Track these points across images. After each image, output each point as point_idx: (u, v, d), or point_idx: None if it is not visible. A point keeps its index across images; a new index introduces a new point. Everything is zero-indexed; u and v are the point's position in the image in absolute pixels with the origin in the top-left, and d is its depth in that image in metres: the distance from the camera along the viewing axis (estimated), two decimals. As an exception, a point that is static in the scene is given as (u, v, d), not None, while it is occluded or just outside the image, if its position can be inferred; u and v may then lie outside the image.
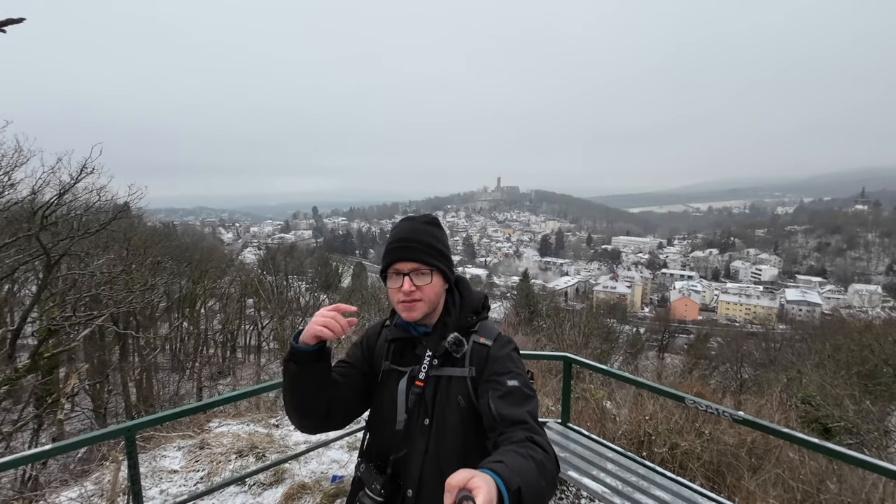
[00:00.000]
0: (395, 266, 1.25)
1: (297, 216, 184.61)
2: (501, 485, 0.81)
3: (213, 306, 23.07)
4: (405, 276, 1.24)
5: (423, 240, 1.27)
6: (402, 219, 1.35)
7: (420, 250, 1.25)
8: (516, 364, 1.25)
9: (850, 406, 9.72)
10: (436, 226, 1.34)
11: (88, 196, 9.37)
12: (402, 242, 1.26)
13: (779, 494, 3.70)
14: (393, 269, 1.26)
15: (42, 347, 8.66)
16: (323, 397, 1.26)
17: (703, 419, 4.47)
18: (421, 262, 1.24)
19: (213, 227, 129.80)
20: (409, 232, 1.28)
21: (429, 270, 1.25)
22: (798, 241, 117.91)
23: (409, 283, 1.23)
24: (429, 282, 1.25)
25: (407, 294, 1.23)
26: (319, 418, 1.28)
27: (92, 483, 3.60)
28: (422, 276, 1.25)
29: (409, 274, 1.24)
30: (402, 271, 1.24)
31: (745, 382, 18.44)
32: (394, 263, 1.26)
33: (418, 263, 1.24)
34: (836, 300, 74.80)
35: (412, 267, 1.24)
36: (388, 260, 1.27)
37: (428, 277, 1.25)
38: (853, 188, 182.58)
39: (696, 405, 2.69)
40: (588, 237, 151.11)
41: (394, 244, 1.27)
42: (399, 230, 1.30)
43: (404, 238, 1.27)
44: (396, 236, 1.28)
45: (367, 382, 1.37)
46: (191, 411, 2.79)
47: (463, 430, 1.22)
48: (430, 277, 1.25)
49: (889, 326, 17.04)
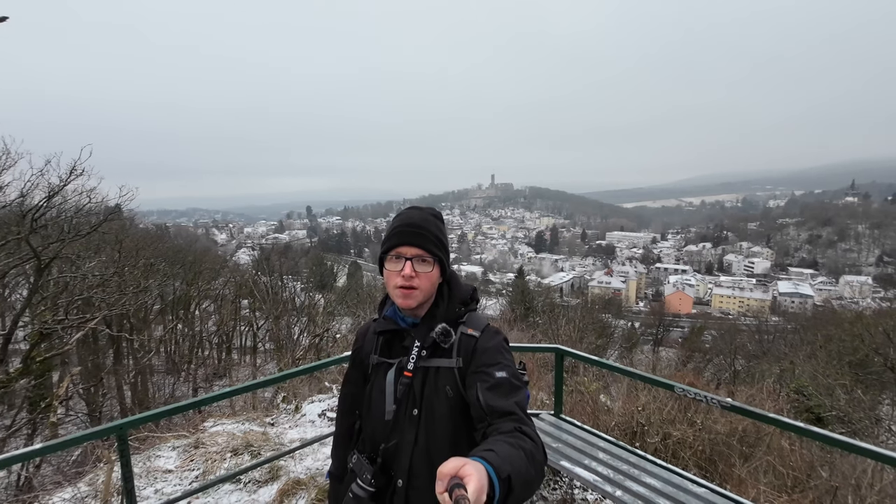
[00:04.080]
0: (399, 249, 1.25)
1: (291, 216, 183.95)
2: (492, 473, 0.82)
3: (208, 308, 22.96)
4: (407, 261, 1.23)
5: (430, 229, 1.27)
6: (408, 207, 1.35)
7: (427, 238, 1.25)
8: (504, 355, 1.25)
9: (842, 395, 9.86)
10: (441, 220, 1.35)
11: (78, 198, 9.26)
12: (410, 227, 1.26)
13: (770, 481, 3.75)
14: (396, 251, 1.26)
15: (34, 351, 8.59)
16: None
17: (696, 409, 4.52)
18: (426, 250, 1.24)
19: (207, 228, 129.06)
20: (417, 219, 1.28)
21: (432, 259, 1.25)
22: (790, 233, 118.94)
23: (411, 268, 1.23)
24: (429, 270, 1.25)
25: (406, 279, 1.23)
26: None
27: (86, 484, 3.58)
28: (424, 263, 1.25)
29: (412, 259, 1.24)
30: (405, 255, 1.24)
31: (738, 374, 18.61)
32: (398, 247, 1.25)
33: (423, 251, 1.24)
34: (827, 291, 75.49)
35: (416, 253, 1.24)
36: (392, 242, 1.26)
37: (430, 266, 1.25)
38: (843, 180, 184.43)
39: (686, 393, 2.72)
40: (582, 233, 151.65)
41: (401, 228, 1.27)
42: (407, 216, 1.30)
43: (413, 224, 1.27)
44: (404, 221, 1.28)
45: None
46: (185, 408, 2.79)
47: (451, 420, 1.22)
48: (431, 266, 1.26)
49: (880, 316, 17.24)
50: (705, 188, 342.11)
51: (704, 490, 2.66)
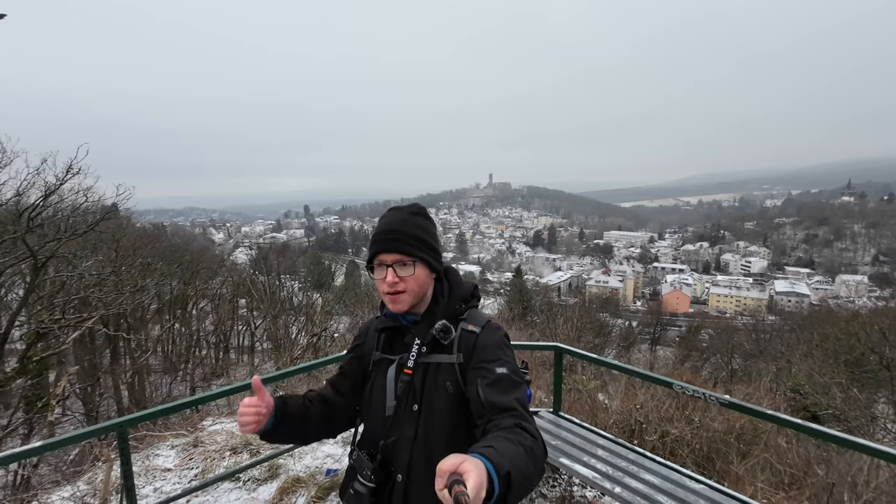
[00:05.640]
0: (380, 257, 1.26)
1: (288, 215, 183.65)
2: (492, 469, 0.82)
3: (205, 307, 22.89)
4: (388, 268, 1.24)
5: (407, 230, 1.26)
6: (388, 209, 1.35)
7: (403, 241, 1.25)
8: (505, 352, 1.25)
9: (838, 394, 9.92)
10: (422, 216, 1.33)
11: (75, 197, 9.25)
12: (384, 234, 1.26)
13: (767, 478, 3.78)
14: (377, 260, 1.27)
15: (31, 351, 8.56)
16: (313, 428, 1.37)
17: (693, 407, 4.55)
18: (404, 254, 1.24)
19: (204, 227, 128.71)
20: (393, 223, 1.28)
21: (412, 262, 1.25)
22: (786, 233, 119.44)
23: (393, 275, 1.23)
24: (412, 273, 1.25)
25: (391, 285, 1.24)
26: (328, 434, 1.44)
27: (84, 483, 3.58)
28: (405, 267, 1.24)
29: (393, 265, 1.24)
30: (385, 262, 1.25)
31: (735, 372, 18.69)
32: (378, 254, 1.26)
33: (401, 255, 1.24)
34: (823, 291, 75.91)
35: (395, 258, 1.24)
36: (373, 250, 1.28)
37: (411, 269, 1.25)
38: (840, 180, 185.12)
39: (684, 390, 2.74)
40: (580, 232, 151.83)
41: (379, 235, 1.27)
42: (384, 221, 1.30)
43: (388, 229, 1.27)
44: (381, 227, 1.28)
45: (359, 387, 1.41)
46: (185, 405, 2.79)
47: (451, 416, 1.22)
48: (412, 269, 1.25)
49: (875, 315, 17.36)
50: (702, 187, 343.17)
51: (702, 487, 2.68)
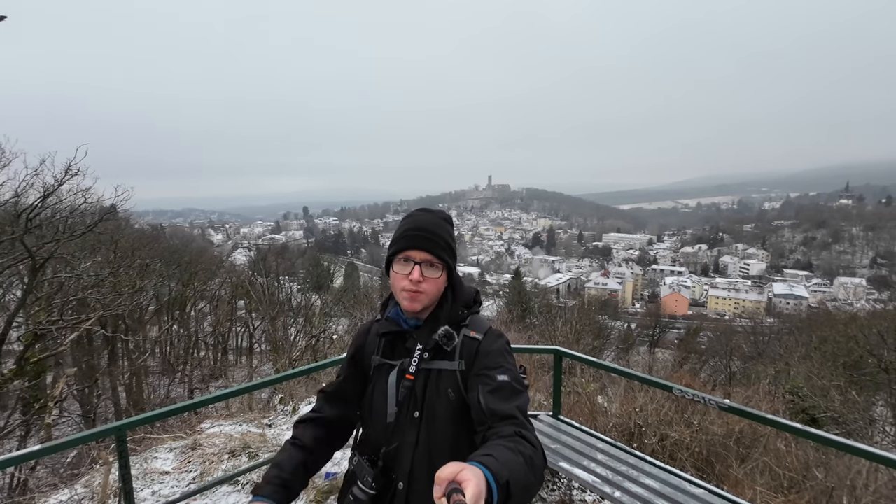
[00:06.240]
0: (408, 252, 1.24)
1: (287, 217, 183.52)
2: (490, 478, 0.82)
3: (204, 308, 22.86)
4: (416, 265, 1.23)
5: (441, 234, 1.26)
6: (418, 209, 1.35)
7: (437, 244, 1.24)
8: (507, 359, 1.25)
9: (836, 396, 9.92)
10: (451, 224, 1.34)
11: (74, 198, 9.21)
12: (421, 232, 1.25)
13: (766, 482, 3.78)
14: (405, 254, 1.24)
15: (28, 352, 8.53)
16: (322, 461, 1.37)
17: (693, 410, 4.54)
18: (435, 255, 1.24)
19: (203, 228, 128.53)
20: (429, 224, 1.27)
21: (441, 265, 1.25)
22: (785, 235, 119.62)
23: (419, 273, 1.22)
24: (437, 276, 1.25)
25: (414, 283, 1.22)
26: (338, 448, 1.42)
27: (82, 486, 3.56)
28: (432, 268, 1.24)
29: (421, 264, 1.23)
30: (413, 259, 1.23)
31: (734, 375, 18.69)
32: (407, 250, 1.24)
33: (433, 256, 1.23)
34: (822, 293, 75.99)
35: (425, 257, 1.23)
36: (402, 245, 1.25)
37: (438, 272, 1.25)
38: (838, 183, 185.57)
39: (684, 394, 2.74)
40: (579, 234, 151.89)
41: (412, 231, 1.26)
42: (418, 219, 1.29)
43: (424, 228, 1.25)
44: (415, 224, 1.27)
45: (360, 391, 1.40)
46: (183, 409, 2.78)
47: (452, 423, 1.22)
48: (439, 272, 1.25)
49: (873, 318, 17.37)
50: (701, 190, 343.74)
51: (702, 491, 2.67)
